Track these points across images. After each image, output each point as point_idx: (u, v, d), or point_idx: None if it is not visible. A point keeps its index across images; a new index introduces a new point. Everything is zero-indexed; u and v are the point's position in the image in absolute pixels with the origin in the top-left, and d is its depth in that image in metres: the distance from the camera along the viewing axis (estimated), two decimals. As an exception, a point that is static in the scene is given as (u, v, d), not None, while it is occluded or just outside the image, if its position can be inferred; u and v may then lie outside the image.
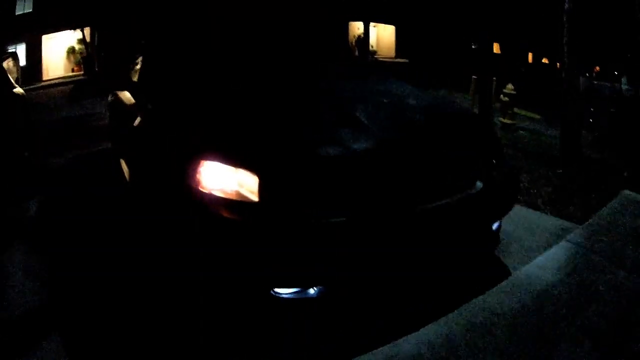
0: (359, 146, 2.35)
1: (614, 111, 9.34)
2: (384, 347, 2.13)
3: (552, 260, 2.94)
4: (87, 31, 21.80)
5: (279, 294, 2.23)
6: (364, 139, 2.41)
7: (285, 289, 2.24)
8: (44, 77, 20.24)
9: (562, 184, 5.09)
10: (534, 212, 4.26)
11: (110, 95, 5.12)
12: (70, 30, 21.42)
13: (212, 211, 2.19)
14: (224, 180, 2.25)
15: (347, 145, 2.34)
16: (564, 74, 6.62)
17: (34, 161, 5.78)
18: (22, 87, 6.17)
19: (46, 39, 20.66)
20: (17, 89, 5.67)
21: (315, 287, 2.26)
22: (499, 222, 2.98)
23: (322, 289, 2.27)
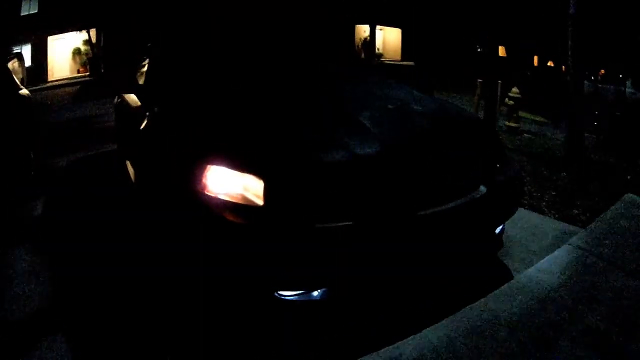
0: (363, 151, 2.37)
1: (618, 114, 9.31)
2: (386, 348, 2.14)
3: (554, 263, 2.94)
4: (93, 32, 21.86)
5: (283, 296, 2.25)
6: (368, 144, 2.43)
7: (289, 292, 2.26)
8: (50, 78, 20.30)
9: (566, 187, 5.10)
10: (537, 215, 4.27)
11: (116, 97, 5.15)
12: (75, 31, 21.47)
13: (217, 214, 2.21)
14: (230, 184, 2.28)
15: (351, 150, 2.36)
16: (569, 78, 6.63)
17: (38, 162, 5.80)
18: (28, 88, 6.18)
19: (52, 40, 20.72)
20: (22, 90, 5.69)
21: (318, 290, 2.29)
22: (502, 225, 3.00)
23: (326, 291, 2.29)
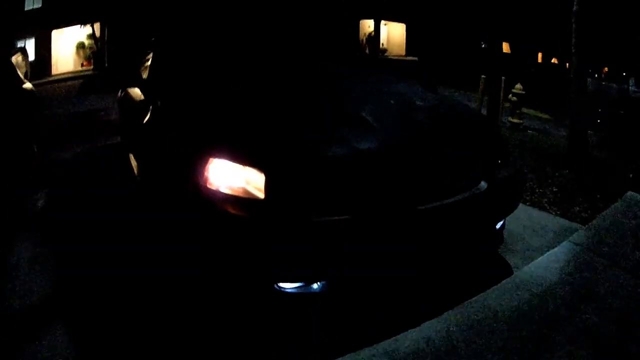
0: (364, 146, 2.38)
1: (621, 113, 9.31)
2: (384, 342, 2.15)
3: (554, 260, 2.95)
4: (97, 26, 21.83)
5: (282, 289, 2.27)
6: (370, 139, 2.44)
7: (288, 284, 2.28)
8: (54, 72, 20.25)
9: (568, 185, 5.10)
10: (539, 211, 4.29)
11: (120, 91, 5.16)
12: (79, 25, 21.44)
13: (219, 207, 2.23)
14: (232, 177, 2.29)
15: (353, 144, 2.37)
16: (572, 75, 6.62)
17: (42, 155, 5.82)
18: (31, 82, 6.19)
19: (56, 34, 20.66)
20: (26, 84, 5.71)
21: (318, 283, 2.31)
22: (502, 221, 3.01)
23: (325, 284, 2.31)
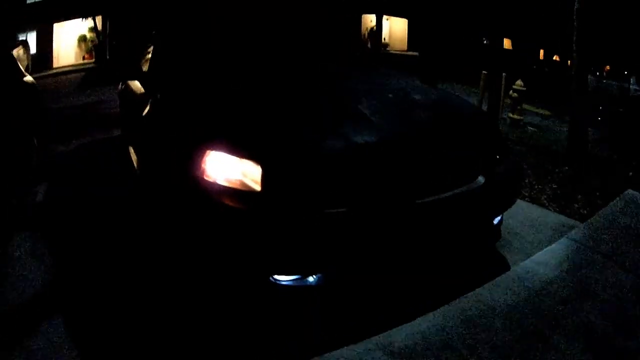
0: (361, 139, 2.39)
1: (621, 111, 9.29)
2: (377, 336, 2.15)
3: (551, 256, 2.94)
4: (99, 19, 21.81)
5: (278, 281, 2.28)
6: (366, 132, 2.44)
7: (284, 276, 2.28)
8: (55, 65, 20.22)
9: (567, 181, 5.10)
10: (537, 208, 4.28)
11: (120, 83, 5.17)
12: (81, 18, 21.41)
13: (215, 199, 2.24)
14: (229, 170, 2.30)
15: (349, 137, 2.38)
16: (573, 72, 6.60)
17: (42, 148, 5.82)
18: (33, 75, 6.18)
19: (57, 27, 20.61)
20: (27, 77, 5.71)
21: (314, 276, 2.31)
22: (500, 216, 3.01)
23: (321, 277, 2.31)
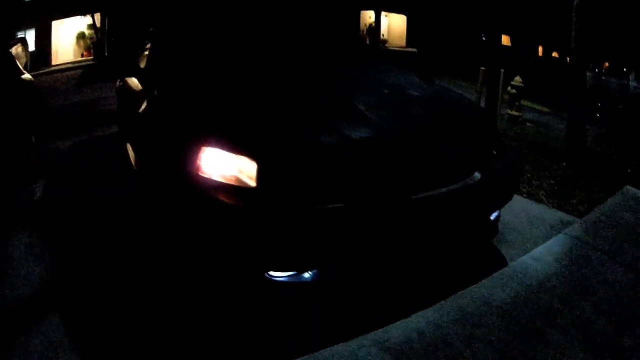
0: (357, 135, 2.38)
1: (620, 108, 9.29)
2: (374, 332, 2.14)
3: (548, 252, 2.94)
4: (97, 16, 21.79)
5: (273, 277, 2.27)
6: (362, 128, 2.44)
7: (279, 272, 2.27)
8: (54, 62, 20.20)
9: (566, 178, 5.09)
10: (535, 204, 4.28)
11: (118, 80, 5.16)
12: (80, 15, 21.39)
13: (211, 195, 2.23)
14: (224, 166, 2.29)
15: (345, 133, 2.37)
16: (572, 69, 6.59)
17: (40, 145, 5.82)
18: (31, 72, 6.19)
19: (56, 24, 20.59)
20: (25, 75, 5.70)
21: (309, 272, 2.30)
22: (497, 212, 3.00)
23: (317, 273, 2.31)
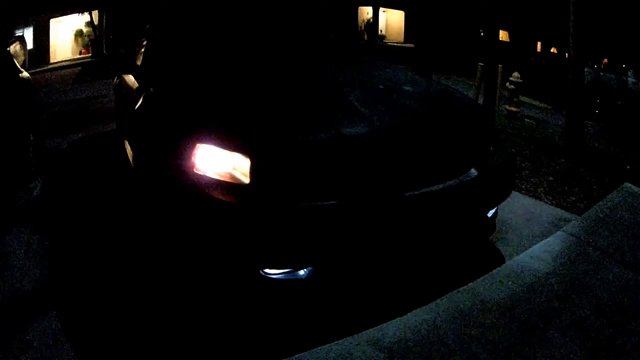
0: (351, 131, 2.37)
1: (619, 104, 9.30)
2: (368, 330, 2.13)
3: (546, 250, 2.92)
4: (95, 14, 21.78)
5: (268, 275, 2.26)
6: (357, 125, 2.43)
7: (274, 270, 2.26)
8: (52, 60, 20.21)
9: (564, 174, 5.07)
10: (534, 200, 4.27)
11: (116, 77, 5.16)
12: (78, 13, 21.37)
13: (205, 192, 2.22)
14: (218, 162, 2.29)
15: (339, 129, 2.36)
16: (570, 65, 6.58)
17: (38, 143, 5.81)
18: (30, 70, 6.18)
19: (54, 22, 20.59)
20: (23, 73, 5.70)
21: (304, 269, 2.29)
22: (495, 209, 2.98)
23: (312, 270, 2.29)
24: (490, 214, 2.93)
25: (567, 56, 7.18)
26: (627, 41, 22.31)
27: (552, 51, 28.31)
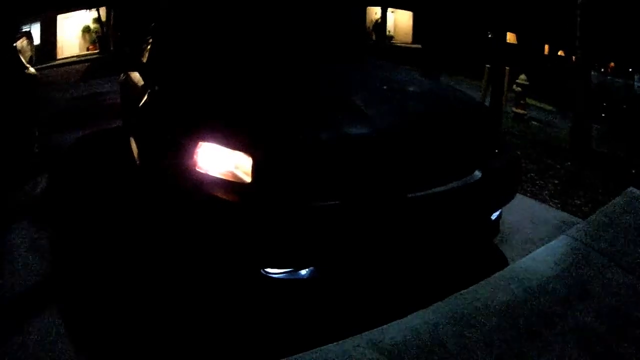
0: (353, 131, 2.36)
1: (625, 107, 9.26)
2: (368, 332, 2.11)
3: (549, 254, 2.89)
4: (103, 10, 21.83)
5: (269, 274, 2.25)
6: (359, 125, 2.42)
7: (275, 269, 2.26)
8: (59, 56, 20.25)
9: (570, 177, 5.06)
10: (538, 203, 4.25)
11: (122, 74, 5.17)
12: (85, 9, 21.42)
13: (207, 191, 2.22)
14: (220, 161, 2.29)
15: (342, 129, 2.35)
16: (577, 68, 6.56)
17: (44, 139, 5.83)
18: (37, 66, 6.20)
19: (61, 18, 20.63)
20: (29, 69, 5.72)
21: (306, 269, 2.28)
22: (499, 212, 2.97)
23: (314, 270, 2.29)
24: (494, 217, 2.92)
25: (574, 59, 7.15)
26: (633, 45, 22.22)
27: (559, 54, 28.23)
